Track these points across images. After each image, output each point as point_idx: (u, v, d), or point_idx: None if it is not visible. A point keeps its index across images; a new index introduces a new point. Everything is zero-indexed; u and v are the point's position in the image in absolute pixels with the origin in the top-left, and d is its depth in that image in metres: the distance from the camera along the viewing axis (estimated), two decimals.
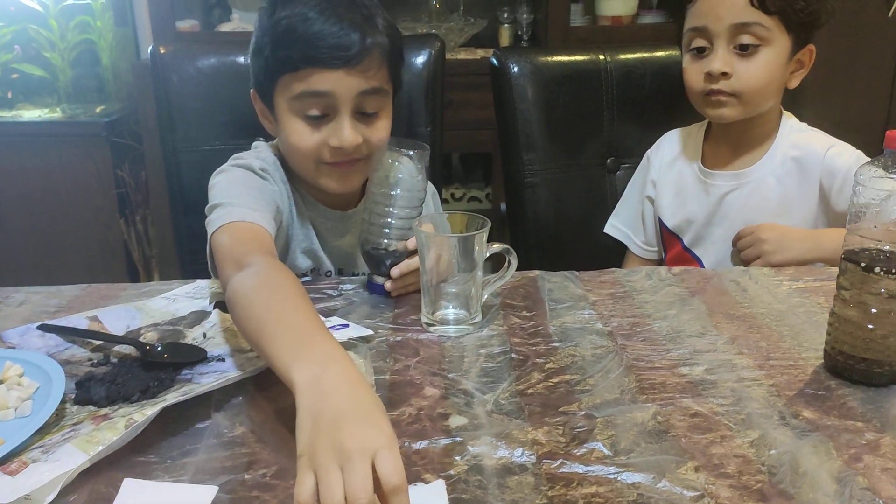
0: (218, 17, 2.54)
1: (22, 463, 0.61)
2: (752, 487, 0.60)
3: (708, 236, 1.28)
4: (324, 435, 0.56)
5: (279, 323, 0.70)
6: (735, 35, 1.16)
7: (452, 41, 2.48)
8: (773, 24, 1.14)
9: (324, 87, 0.97)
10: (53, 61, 2.30)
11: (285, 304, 0.73)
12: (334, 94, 0.97)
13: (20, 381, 0.72)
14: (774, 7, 1.13)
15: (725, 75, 1.17)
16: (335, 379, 0.61)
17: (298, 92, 0.97)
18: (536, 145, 1.38)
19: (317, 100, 0.98)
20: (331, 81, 0.96)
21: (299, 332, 0.68)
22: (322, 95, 0.97)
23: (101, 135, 2.20)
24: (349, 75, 0.96)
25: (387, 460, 0.54)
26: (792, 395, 0.74)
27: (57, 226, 2.27)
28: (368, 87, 0.98)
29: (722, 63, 1.17)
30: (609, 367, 0.80)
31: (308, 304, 0.73)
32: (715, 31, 1.17)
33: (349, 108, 0.99)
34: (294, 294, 0.75)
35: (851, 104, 2.43)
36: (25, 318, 0.91)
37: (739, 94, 1.18)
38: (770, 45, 1.16)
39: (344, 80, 0.96)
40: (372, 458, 0.54)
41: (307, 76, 0.96)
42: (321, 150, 1.01)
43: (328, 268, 1.15)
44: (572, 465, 0.63)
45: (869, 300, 0.74)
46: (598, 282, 1.03)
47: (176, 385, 0.74)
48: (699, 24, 1.19)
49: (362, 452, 0.54)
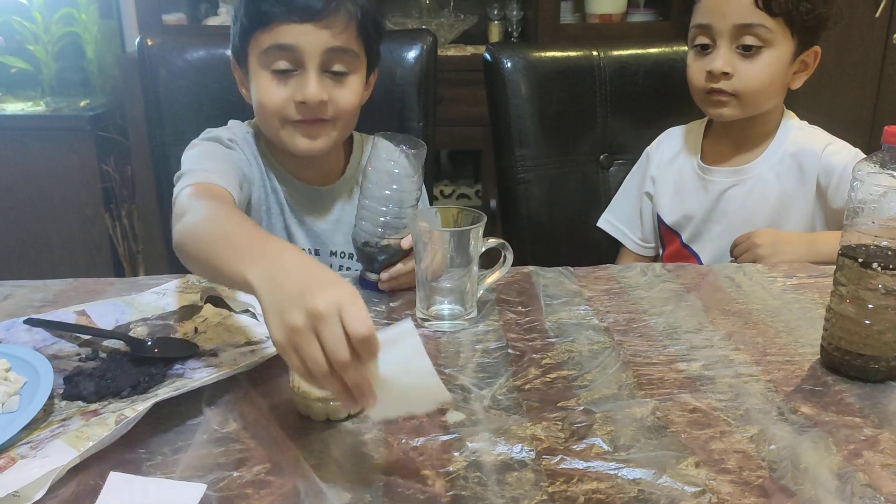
0: (205, 11, 2.52)
1: (10, 459, 0.59)
2: (753, 483, 0.60)
3: (706, 232, 1.28)
4: (291, 314, 0.58)
5: (226, 238, 0.73)
6: (738, 35, 1.16)
7: (442, 37, 2.47)
8: (776, 27, 1.14)
9: (290, 41, 1.00)
10: (37, 54, 2.27)
11: (228, 222, 0.78)
12: (300, 48, 1.00)
13: (7, 375, 0.70)
14: (779, 9, 1.13)
15: (727, 75, 1.17)
16: (288, 264, 0.64)
17: (267, 46, 1.01)
18: (529, 141, 1.37)
19: (284, 53, 1.01)
20: (297, 34, 1.00)
21: (246, 240, 0.71)
22: (288, 49, 1.00)
23: (85, 128, 2.17)
24: (316, 29, 1.00)
25: (352, 314, 0.56)
26: (790, 391, 0.73)
27: (41, 220, 2.24)
28: (335, 45, 1.01)
29: (723, 62, 1.17)
30: (606, 362, 0.79)
31: (250, 220, 0.77)
32: (718, 29, 1.17)
33: (315, 63, 1.01)
34: (235, 214, 0.80)
35: (838, 104, 2.45)
36: (11, 313, 0.89)
37: (739, 94, 1.18)
38: (773, 46, 1.15)
39: (311, 34, 1.00)
40: (339, 315, 0.56)
41: (275, 30, 1.00)
42: (287, 107, 1.03)
43: (303, 246, 1.15)
44: (572, 460, 0.62)
45: (866, 296, 0.74)
46: (593, 277, 1.02)
47: (167, 380, 0.73)
48: (704, 22, 1.19)
49: (330, 310, 0.56)
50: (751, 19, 1.14)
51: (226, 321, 0.87)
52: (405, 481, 0.60)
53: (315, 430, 0.67)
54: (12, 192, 2.21)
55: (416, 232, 0.87)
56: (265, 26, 1.00)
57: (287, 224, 1.14)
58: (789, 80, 1.20)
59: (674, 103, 1.36)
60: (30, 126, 2.20)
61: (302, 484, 0.59)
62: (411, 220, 0.87)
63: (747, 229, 1.22)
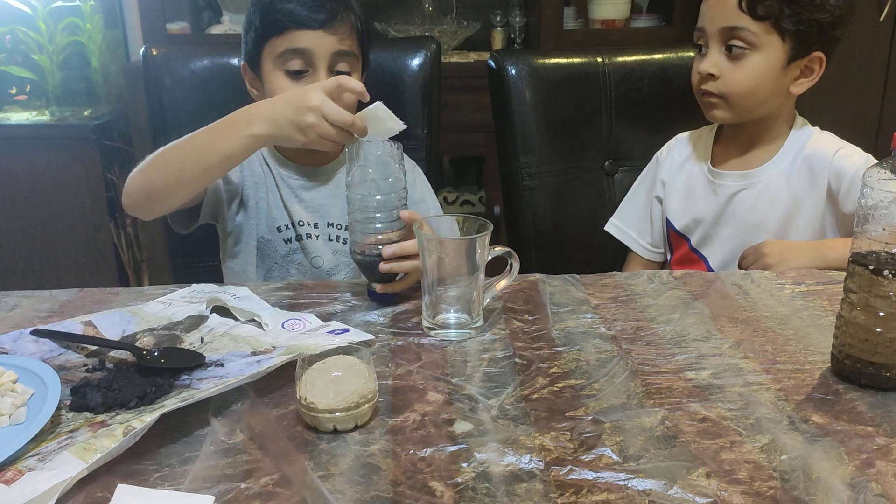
0: (208, 20, 2.53)
1: (18, 472, 0.59)
2: (765, 494, 0.59)
3: (715, 236, 1.28)
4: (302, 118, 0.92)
5: (205, 132, 0.99)
6: (726, 38, 1.17)
7: (445, 44, 2.48)
8: (762, 30, 1.14)
9: (303, 45, 1.12)
10: (42, 64, 2.28)
11: (193, 134, 0.99)
12: (312, 51, 1.12)
13: (14, 387, 0.70)
14: (764, 13, 1.13)
15: (713, 77, 1.18)
16: (267, 103, 0.98)
17: (282, 50, 1.12)
18: (534, 148, 1.37)
19: (297, 56, 1.12)
20: (309, 39, 1.12)
21: (224, 121, 0.98)
22: (302, 52, 1.12)
23: (90, 138, 2.18)
24: (326, 35, 1.12)
25: (335, 89, 0.93)
26: (800, 400, 0.73)
27: (46, 230, 2.24)
28: (341, 49, 1.14)
29: (710, 64, 1.18)
30: (614, 371, 0.79)
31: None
32: (709, 32, 1.19)
33: (325, 65, 1.13)
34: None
35: (843, 109, 2.44)
36: (17, 324, 0.89)
37: (726, 96, 1.18)
38: (759, 50, 1.15)
39: (322, 40, 1.12)
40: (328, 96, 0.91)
41: (290, 36, 1.12)
42: None
43: (301, 218, 1.22)
44: (581, 471, 0.62)
45: (877, 303, 0.73)
46: (600, 285, 1.02)
47: (174, 391, 0.73)
48: (699, 24, 1.21)
49: (321, 97, 0.91)
50: (736, 22, 1.15)
51: (232, 331, 0.86)
52: (413, 493, 0.60)
53: (322, 441, 0.67)
54: (18, 202, 2.21)
55: (421, 240, 0.87)
56: (281, 33, 1.12)
57: (284, 199, 1.21)
58: (788, 84, 1.19)
59: (679, 109, 1.36)
60: (35, 135, 2.21)
61: (309, 495, 0.59)
62: (416, 228, 0.87)
63: (756, 233, 1.22)
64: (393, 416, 0.70)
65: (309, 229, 1.21)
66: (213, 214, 1.20)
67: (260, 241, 1.21)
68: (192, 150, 1.00)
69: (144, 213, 1.08)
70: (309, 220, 1.21)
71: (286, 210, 1.21)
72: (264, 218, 1.21)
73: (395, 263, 0.94)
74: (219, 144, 0.98)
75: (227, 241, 1.23)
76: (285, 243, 1.21)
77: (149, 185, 1.03)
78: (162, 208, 1.07)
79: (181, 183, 1.02)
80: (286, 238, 1.21)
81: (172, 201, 1.05)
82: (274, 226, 1.21)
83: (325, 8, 1.12)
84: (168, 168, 1.01)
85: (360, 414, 0.68)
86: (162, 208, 1.07)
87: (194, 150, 1.00)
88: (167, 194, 1.03)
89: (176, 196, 1.04)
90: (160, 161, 1.02)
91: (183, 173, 1.01)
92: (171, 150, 1.01)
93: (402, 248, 0.93)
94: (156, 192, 1.03)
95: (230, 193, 1.19)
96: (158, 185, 1.02)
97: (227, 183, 1.18)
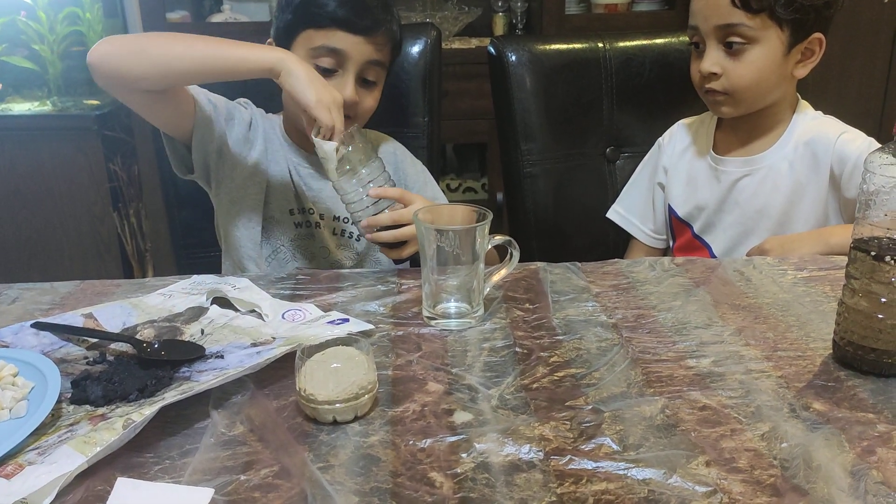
0: (209, 9, 2.51)
1: (18, 466, 0.59)
2: (766, 482, 0.59)
3: (718, 223, 1.27)
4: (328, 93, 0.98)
5: (222, 41, 1.00)
6: (723, 35, 1.15)
7: (447, 30, 2.46)
8: (759, 23, 1.12)
9: (341, 46, 1.10)
10: (43, 54, 2.27)
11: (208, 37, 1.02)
12: (348, 55, 1.10)
13: (14, 380, 0.70)
14: (758, 6, 1.11)
15: (715, 75, 1.17)
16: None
17: (318, 45, 1.10)
18: (535, 135, 1.36)
19: (332, 55, 1.10)
20: (348, 42, 1.10)
21: (246, 43, 1.02)
22: (337, 53, 1.10)
23: (92, 128, 2.17)
24: (364, 42, 1.11)
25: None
26: (801, 387, 0.73)
27: (49, 221, 2.24)
28: (375, 58, 1.13)
29: (711, 63, 1.17)
30: (615, 360, 0.78)
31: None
32: (704, 30, 1.17)
33: (355, 69, 1.12)
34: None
35: (846, 93, 2.42)
36: (18, 316, 0.89)
37: (731, 92, 1.17)
38: (759, 43, 1.14)
39: (360, 45, 1.11)
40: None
41: (330, 33, 1.10)
42: None
43: (309, 208, 1.21)
44: (581, 461, 0.62)
45: (879, 290, 0.73)
46: (601, 273, 1.01)
47: (174, 383, 0.73)
48: (692, 23, 1.20)
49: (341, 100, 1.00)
50: (731, 19, 1.13)
51: (232, 322, 0.86)
52: (413, 483, 0.60)
53: (322, 433, 0.67)
54: (20, 193, 2.21)
55: (420, 228, 0.86)
56: (321, 28, 1.10)
57: (295, 184, 1.20)
58: (790, 70, 1.18)
59: (681, 94, 1.34)
60: (36, 126, 2.20)
61: (309, 487, 0.59)
62: (415, 215, 0.87)
63: (760, 219, 1.22)
64: (393, 407, 0.70)
65: (316, 218, 1.21)
66: (203, 147, 1.13)
67: (269, 220, 1.19)
68: (204, 41, 1.01)
69: (105, 77, 1.01)
70: (316, 209, 1.21)
71: (297, 195, 1.20)
72: (276, 196, 1.19)
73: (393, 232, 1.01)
74: (238, 48, 1.01)
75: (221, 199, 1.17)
76: (295, 227, 1.20)
77: (135, 49, 1.00)
78: (127, 81, 1.01)
79: (171, 59, 1.00)
80: (297, 222, 1.21)
81: (144, 82, 1.00)
82: (286, 208, 1.20)
83: (370, 15, 1.11)
84: (166, 41, 1.02)
85: (359, 405, 0.68)
86: (127, 81, 1.01)
87: (207, 41, 1.01)
88: (144, 67, 0.99)
89: (152, 76, 0.99)
90: (159, 37, 1.05)
91: (181, 51, 1.00)
92: (176, 35, 1.03)
93: (401, 216, 1.00)
94: (137, 57, 0.99)
95: (230, 123, 1.15)
96: (150, 52, 1.00)
97: (229, 119, 1.15)
